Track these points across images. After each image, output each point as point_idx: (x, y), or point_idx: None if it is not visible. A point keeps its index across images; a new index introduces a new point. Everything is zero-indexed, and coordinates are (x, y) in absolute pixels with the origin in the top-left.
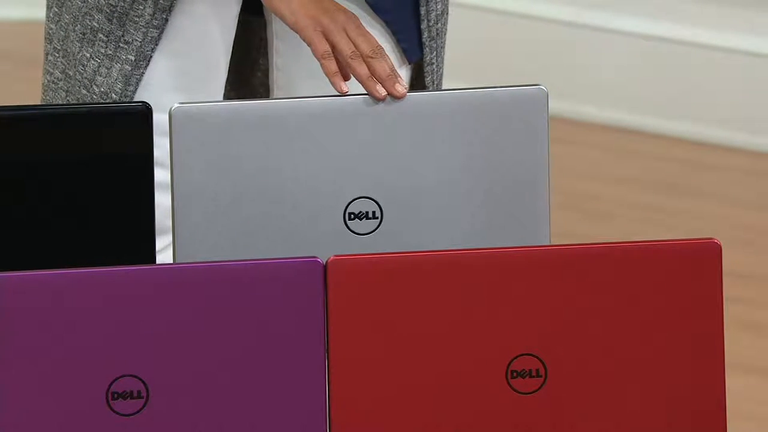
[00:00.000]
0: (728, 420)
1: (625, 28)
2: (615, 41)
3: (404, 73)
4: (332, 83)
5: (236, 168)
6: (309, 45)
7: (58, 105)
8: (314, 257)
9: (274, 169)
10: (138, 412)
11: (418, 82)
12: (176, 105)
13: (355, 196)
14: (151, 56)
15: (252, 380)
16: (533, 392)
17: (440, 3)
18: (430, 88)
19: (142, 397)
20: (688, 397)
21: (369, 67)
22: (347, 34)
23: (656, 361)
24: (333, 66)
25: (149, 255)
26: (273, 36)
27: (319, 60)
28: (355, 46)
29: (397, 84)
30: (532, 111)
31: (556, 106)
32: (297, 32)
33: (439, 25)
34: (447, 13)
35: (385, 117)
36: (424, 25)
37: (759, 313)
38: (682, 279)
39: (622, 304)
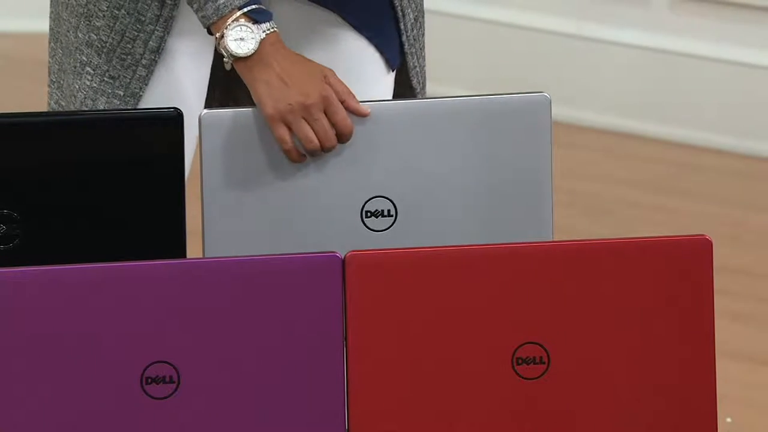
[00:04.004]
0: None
1: (623, 40)
2: (613, 52)
3: (389, 79)
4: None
5: (260, 169)
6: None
7: (97, 111)
8: (333, 252)
9: (295, 171)
10: (170, 395)
11: (403, 85)
12: (205, 111)
13: (372, 196)
14: (140, 95)
15: (274, 367)
16: (537, 378)
17: (413, 12)
18: (418, 89)
19: (174, 382)
20: (681, 382)
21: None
22: (311, 124)
23: (651, 347)
24: (294, 157)
25: (180, 250)
26: None
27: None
28: (317, 135)
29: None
30: (536, 116)
31: (558, 112)
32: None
33: (415, 31)
34: (423, 16)
35: (399, 122)
36: (404, 38)
37: (744, 304)
38: (676, 272)
39: (619, 295)
